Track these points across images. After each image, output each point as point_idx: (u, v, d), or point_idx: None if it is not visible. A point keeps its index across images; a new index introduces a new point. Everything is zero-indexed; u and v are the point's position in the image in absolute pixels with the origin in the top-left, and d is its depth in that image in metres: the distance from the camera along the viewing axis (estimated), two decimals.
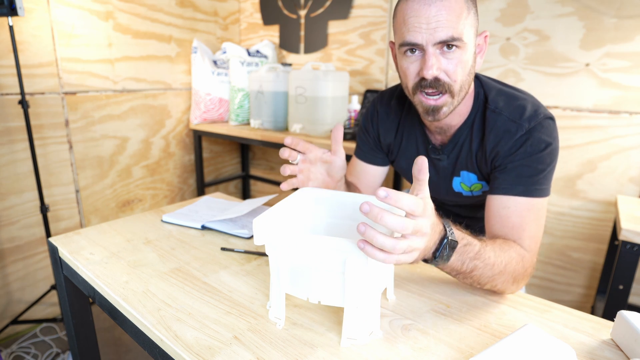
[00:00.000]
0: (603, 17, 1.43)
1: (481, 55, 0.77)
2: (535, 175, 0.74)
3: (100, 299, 0.75)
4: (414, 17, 0.69)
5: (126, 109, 2.04)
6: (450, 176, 0.90)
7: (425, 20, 0.68)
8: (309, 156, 0.79)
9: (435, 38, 0.68)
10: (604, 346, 0.60)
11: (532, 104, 0.78)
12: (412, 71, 0.74)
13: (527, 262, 0.71)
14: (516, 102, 0.78)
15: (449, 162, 0.89)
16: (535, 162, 0.74)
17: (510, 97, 0.80)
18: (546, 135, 0.75)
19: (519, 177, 0.75)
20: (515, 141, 0.76)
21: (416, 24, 0.69)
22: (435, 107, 0.75)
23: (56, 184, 1.82)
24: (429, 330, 0.62)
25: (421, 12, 0.68)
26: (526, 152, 0.75)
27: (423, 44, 0.69)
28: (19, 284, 1.77)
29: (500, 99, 0.80)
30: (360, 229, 0.47)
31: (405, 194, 0.48)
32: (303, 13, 2.24)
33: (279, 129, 2.04)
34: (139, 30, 2.02)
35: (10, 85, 1.62)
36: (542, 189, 0.75)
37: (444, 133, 0.87)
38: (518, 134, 0.76)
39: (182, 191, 2.43)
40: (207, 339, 0.59)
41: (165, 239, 0.93)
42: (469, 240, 0.61)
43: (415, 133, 0.92)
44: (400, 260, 0.50)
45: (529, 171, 0.75)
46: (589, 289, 1.65)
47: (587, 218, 1.59)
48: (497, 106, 0.79)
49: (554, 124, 0.77)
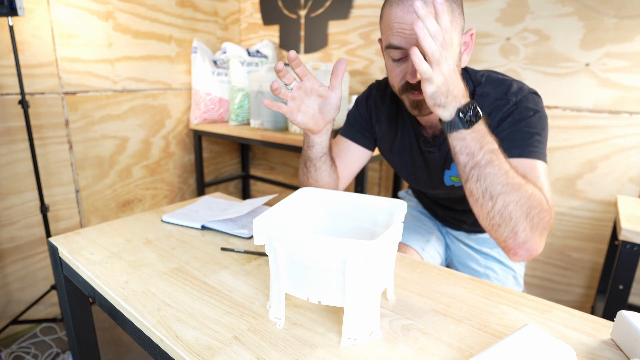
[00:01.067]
0: (603, 17, 1.43)
1: (467, 52, 0.79)
2: (529, 137, 0.74)
3: (100, 299, 0.75)
4: (398, 22, 0.70)
5: (126, 109, 2.04)
6: (442, 169, 0.91)
7: (409, 27, 0.69)
8: (305, 84, 0.76)
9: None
10: (604, 346, 0.60)
11: (517, 83, 0.81)
12: (397, 74, 0.76)
13: (545, 206, 0.65)
14: (502, 85, 0.81)
15: (440, 154, 0.89)
16: (526, 126, 0.75)
17: (496, 80, 0.82)
18: (533, 105, 0.76)
19: (512, 141, 0.74)
20: (502, 113, 0.77)
21: (400, 29, 0.70)
22: (420, 101, 0.75)
23: (56, 184, 1.82)
24: (429, 330, 0.62)
25: (405, 19, 0.69)
26: (514, 120, 0.76)
27: (408, 48, 0.70)
28: (19, 284, 1.77)
29: (487, 85, 0.82)
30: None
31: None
32: (303, 13, 2.24)
33: (279, 129, 2.04)
34: (139, 30, 2.02)
35: (10, 85, 1.62)
36: (538, 152, 0.73)
37: (434, 126, 0.88)
38: (505, 108, 0.77)
39: (182, 191, 2.43)
40: (207, 339, 0.59)
41: (165, 239, 0.93)
42: (489, 134, 0.63)
43: (409, 127, 0.93)
44: (435, 53, 0.57)
45: (520, 135, 0.74)
46: (589, 289, 1.65)
47: (587, 218, 1.59)
48: (484, 91, 0.81)
49: (539, 98, 0.79)
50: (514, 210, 0.63)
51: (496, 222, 0.65)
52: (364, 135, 1.01)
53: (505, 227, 0.64)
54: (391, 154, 1.00)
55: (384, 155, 1.03)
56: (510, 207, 0.62)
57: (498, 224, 0.65)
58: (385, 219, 0.71)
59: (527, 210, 0.63)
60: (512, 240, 0.65)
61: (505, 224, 0.64)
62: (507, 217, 0.63)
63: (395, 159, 1.00)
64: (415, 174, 0.98)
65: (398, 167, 1.02)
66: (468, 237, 1.13)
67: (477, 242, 1.11)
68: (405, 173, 1.01)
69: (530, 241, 0.65)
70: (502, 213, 0.63)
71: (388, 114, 0.97)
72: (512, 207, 0.62)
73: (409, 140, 0.94)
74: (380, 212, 0.72)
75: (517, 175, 0.64)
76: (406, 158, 0.97)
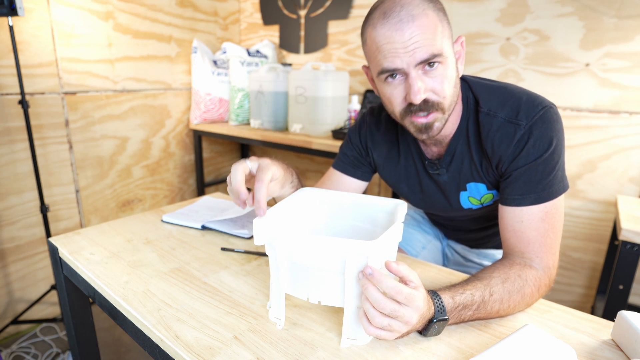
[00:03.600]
0: (603, 17, 1.43)
1: (461, 61, 0.74)
2: (544, 178, 0.70)
3: (100, 299, 0.75)
4: (388, 43, 0.65)
5: (126, 109, 2.04)
6: (457, 191, 0.84)
7: (401, 45, 0.64)
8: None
9: (416, 59, 0.64)
10: (605, 346, 0.60)
11: (528, 95, 0.73)
12: (397, 97, 0.70)
13: (543, 286, 0.70)
14: (510, 99, 0.73)
15: (450, 176, 0.83)
16: (542, 165, 0.70)
17: (502, 94, 0.75)
18: (548, 130, 0.70)
19: (528, 184, 0.71)
20: (516, 144, 0.71)
21: (392, 50, 0.65)
22: (427, 124, 0.70)
23: (56, 184, 1.82)
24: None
25: (395, 38, 0.64)
26: (530, 156, 0.70)
27: (404, 67, 0.65)
28: (19, 284, 1.77)
29: (492, 99, 0.75)
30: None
31: (406, 268, 0.55)
32: (303, 13, 2.24)
33: (279, 129, 2.04)
34: (139, 30, 2.02)
35: (10, 85, 1.62)
36: (554, 190, 0.71)
37: (439, 144, 0.82)
38: (517, 135, 0.71)
39: (182, 191, 2.43)
40: (207, 339, 0.59)
41: (165, 239, 0.93)
42: (467, 300, 0.61)
43: (411, 150, 0.87)
44: (379, 336, 0.55)
45: (536, 176, 0.70)
46: (589, 289, 1.65)
47: (587, 218, 1.59)
48: (490, 108, 0.74)
49: (553, 112, 0.71)
50: (517, 309, 0.68)
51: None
52: (357, 168, 0.95)
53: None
54: (397, 181, 0.92)
55: (389, 183, 0.95)
56: (514, 310, 0.68)
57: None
58: (385, 219, 0.71)
59: (524, 307, 0.69)
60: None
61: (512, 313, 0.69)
62: (511, 313, 0.69)
63: (402, 186, 0.92)
64: (425, 200, 0.91)
65: (406, 194, 0.93)
66: (470, 251, 1.10)
67: (478, 255, 1.08)
68: (415, 200, 0.93)
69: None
70: (506, 316, 0.68)
71: (387, 139, 0.90)
72: (515, 309, 0.68)
73: (413, 164, 0.87)
74: (380, 212, 0.72)
75: (508, 302, 0.65)
76: (413, 184, 0.90)
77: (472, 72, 1.72)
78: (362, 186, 0.97)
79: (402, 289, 0.53)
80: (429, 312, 0.57)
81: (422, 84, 0.66)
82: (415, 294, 0.54)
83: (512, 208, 0.72)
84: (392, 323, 0.54)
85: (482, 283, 0.64)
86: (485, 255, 1.08)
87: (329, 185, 0.96)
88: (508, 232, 0.74)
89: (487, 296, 0.63)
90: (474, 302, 0.62)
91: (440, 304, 0.59)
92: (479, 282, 0.64)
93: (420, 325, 0.58)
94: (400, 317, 0.53)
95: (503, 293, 0.64)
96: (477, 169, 0.79)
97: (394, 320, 0.54)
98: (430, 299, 0.58)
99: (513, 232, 0.73)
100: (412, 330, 0.58)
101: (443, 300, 0.59)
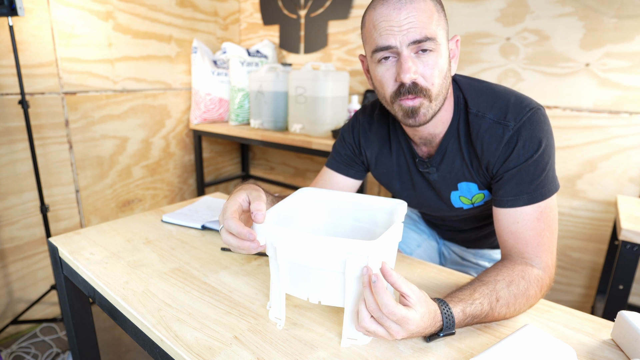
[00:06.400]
0: (603, 17, 1.43)
1: (455, 60, 0.74)
2: (536, 179, 0.71)
3: (100, 299, 0.75)
4: (385, 21, 0.67)
5: (126, 109, 2.04)
6: (448, 191, 0.85)
7: (396, 24, 0.66)
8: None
9: (409, 38, 0.66)
10: (605, 346, 0.60)
11: (516, 97, 0.74)
12: (388, 78, 0.71)
13: (545, 286, 0.70)
14: (498, 101, 0.74)
15: (440, 175, 0.83)
16: (533, 165, 0.71)
17: (490, 95, 0.76)
18: (536, 131, 0.71)
19: (520, 184, 0.71)
20: (505, 145, 0.72)
21: (387, 28, 0.67)
22: (414, 107, 0.70)
23: (56, 184, 1.82)
24: None
25: (391, 16, 0.66)
26: (520, 157, 0.71)
27: (397, 45, 0.67)
28: (19, 284, 1.77)
29: (481, 100, 0.76)
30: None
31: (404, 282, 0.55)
32: (303, 13, 2.24)
33: (279, 129, 2.04)
34: (139, 30, 2.02)
35: (10, 85, 1.62)
36: (546, 190, 0.72)
37: (429, 143, 0.82)
38: (506, 137, 0.71)
39: (182, 191, 2.43)
40: (207, 339, 0.59)
41: (165, 239, 0.93)
42: (477, 311, 0.62)
43: (403, 147, 0.87)
44: (368, 334, 0.57)
45: (528, 177, 0.71)
46: (589, 289, 1.65)
47: (587, 218, 1.59)
48: (479, 109, 0.75)
49: (541, 114, 0.72)
50: (521, 311, 0.68)
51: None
52: (350, 166, 0.95)
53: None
54: (390, 179, 0.93)
55: (382, 181, 0.95)
56: (519, 312, 0.68)
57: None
58: (385, 219, 0.71)
59: (528, 307, 0.69)
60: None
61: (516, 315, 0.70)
62: (516, 315, 0.69)
63: (394, 183, 0.92)
64: (418, 197, 0.92)
65: (399, 192, 0.94)
66: (466, 251, 1.10)
67: (475, 255, 1.09)
68: (407, 198, 0.93)
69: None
70: (511, 317, 0.69)
71: (379, 136, 0.91)
72: (520, 311, 0.68)
73: (405, 161, 0.88)
74: (380, 212, 0.72)
75: (514, 306, 0.65)
76: (406, 181, 0.90)
77: (472, 72, 1.72)
78: (356, 185, 0.98)
79: (396, 311, 0.53)
80: (434, 326, 0.58)
81: (413, 65, 0.67)
82: (409, 317, 0.54)
83: (506, 210, 0.73)
84: (379, 330, 0.55)
85: (488, 288, 0.64)
86: (481, 255, 1.08)
87: (323, 184, 0.97)
88: (505, 234, 0.74)
89: (494, 302, 0.63)
90: (483, 311, 0.62)
91: (449, 317, 0.59)
92: (485, 287, 0.64)
93: (423, 334, 0.58)
94: (387, 328, 0.55)
95: (509, 297, 0.64)
96: (468, 168, 0.79)
97: (380, 327, 0.55)
98: (438, 310, 0.58)
99: (510, 234, 0.73)
100: (414, 337, 0.58)
101: (453, 313, 0.59)
